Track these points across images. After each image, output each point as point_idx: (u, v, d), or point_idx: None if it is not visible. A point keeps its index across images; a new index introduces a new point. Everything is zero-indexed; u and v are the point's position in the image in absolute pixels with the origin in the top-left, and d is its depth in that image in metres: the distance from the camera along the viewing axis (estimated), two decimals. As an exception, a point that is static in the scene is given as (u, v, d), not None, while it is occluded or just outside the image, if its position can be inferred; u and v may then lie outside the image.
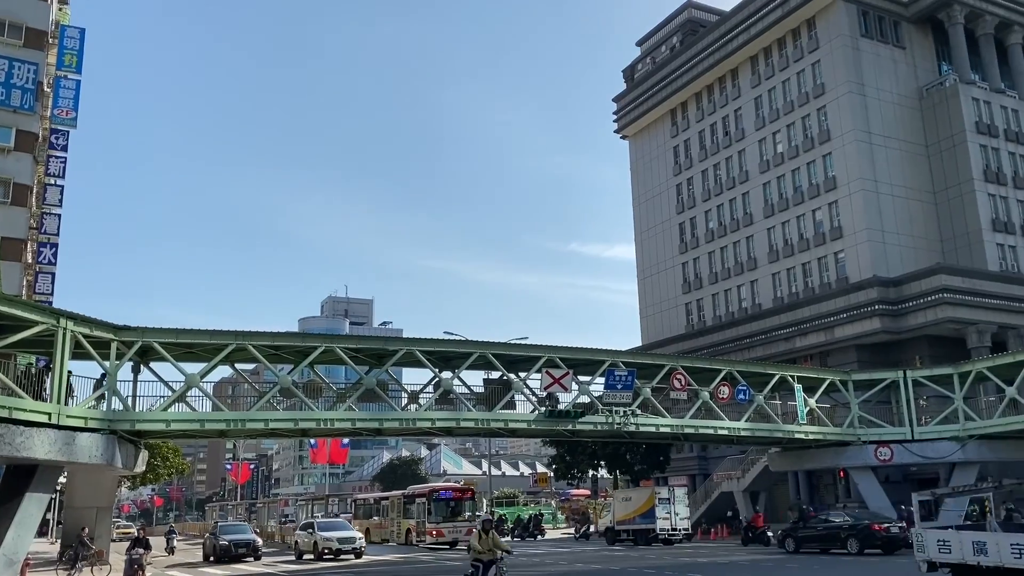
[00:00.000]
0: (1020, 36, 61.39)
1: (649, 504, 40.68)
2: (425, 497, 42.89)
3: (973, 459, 39.07)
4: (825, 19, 58.54)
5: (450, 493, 43.65)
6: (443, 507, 42.67)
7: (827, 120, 57.53)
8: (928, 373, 40.34)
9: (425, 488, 45.86)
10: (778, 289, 60.03)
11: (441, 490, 44.22)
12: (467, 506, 43.32)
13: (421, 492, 44.60)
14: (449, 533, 41.31)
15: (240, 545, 36.28)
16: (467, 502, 43.44)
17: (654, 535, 39.98)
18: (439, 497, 42.78)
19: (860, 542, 30.65)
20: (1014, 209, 56.09)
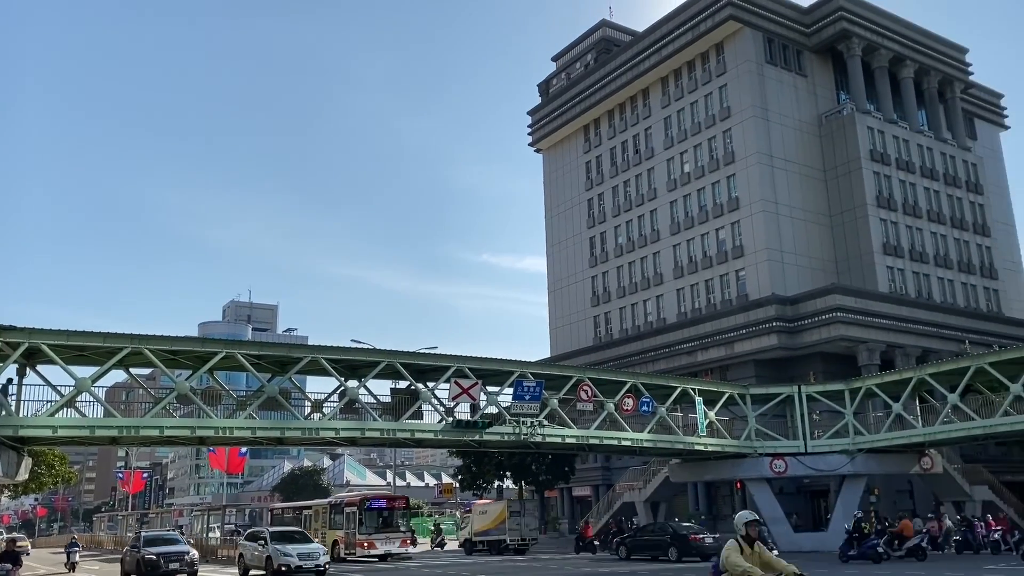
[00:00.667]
0: (911, 71, 64.99)
1: (502, 516, 43.17)
2: (355, 506, 39.58)
3: (861, 472, 40.81)
4: (732, 45, 60.62)
5: (383, 502, 40.54)
6: (375, 517, 39.51)
7: (732, 142, 59.49)
8: (821, 389, 41.97)
9: (355, 496, 42.87)
10: (682, 304, 61.58)
11: (373, 498, 40.86)
12: (400, 516, 40.48)
13: (351, 501, 41.31)
14: (381, 545, 38.74)
15: (172, 559, 29.63)
16: (400, 512, 40.61)
17: (505, 545, 42.40)
18: (371, 506, 39.68)
19: (679, 550, 34.55)
20: (903, 234, 59.18)
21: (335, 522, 41.78)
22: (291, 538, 30.54)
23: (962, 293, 61.48)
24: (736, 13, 59.24)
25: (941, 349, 52.57)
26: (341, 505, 41.65)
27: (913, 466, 41.94)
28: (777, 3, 61.82)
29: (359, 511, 39.17)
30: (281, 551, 28.68)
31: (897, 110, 64.09)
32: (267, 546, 29.54)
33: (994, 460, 52.76)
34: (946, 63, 67.39)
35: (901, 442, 39.03)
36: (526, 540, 43.01)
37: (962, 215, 63.87)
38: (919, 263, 59.39)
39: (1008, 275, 67.42)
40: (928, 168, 62.71)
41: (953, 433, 37.20)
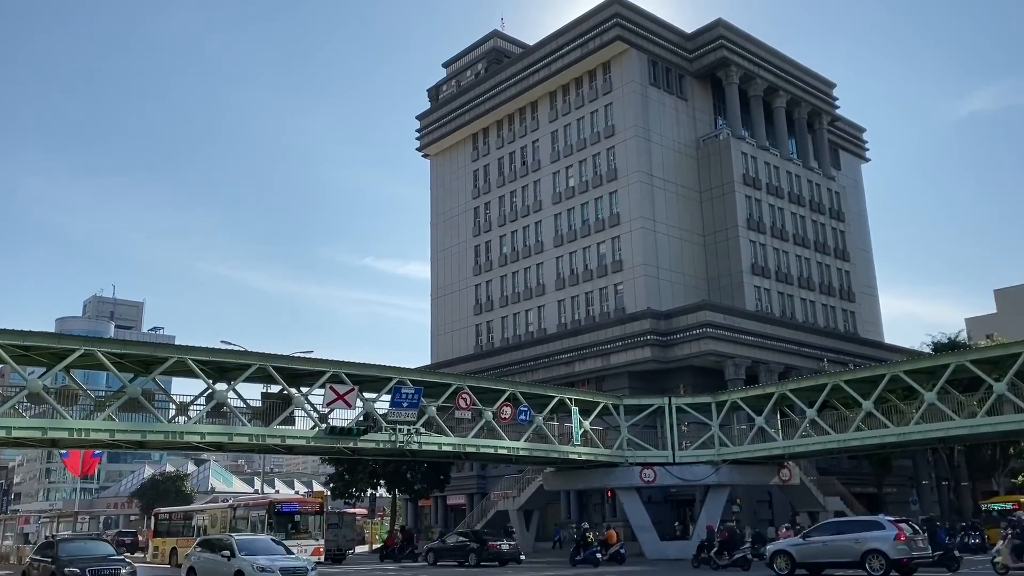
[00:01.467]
0: (784, 101, 68.55)
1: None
2: (264, 510, 36.28)
3: (725, 482, 42.47)
4: (619, 65, 62.28)
5: (295, 506, 37.61)
6: (286, 522, 36.03)
7: (615, 160, 61.06)
8: (690, 401, 43.47)
9: (262, 499, 39.98)
10: (563, 316, 62.57)
11: (284, 502, 37.87)
12: (313, 522, 37.20)
13: (257, 503, 38.32)
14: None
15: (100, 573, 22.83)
16: (314, 517, 37.37)
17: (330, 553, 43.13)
18: (282, 510, 36.31)
19: (478, 556, 36.73)
20: (770, 256, 62.21)
21: (236, 528, 38.09)
22: (267, 549, 24.09)
23: (822, 314, 65.13)
24: (623, 34, 60.92)
25: (801, 366, 55.48)
26: (246, 509, 38.41)
27: (773, 477, 44.00)
28: (662, 28, 64.00)
29: (269, 516, 35.80)
30: (259, 565, 22.22)
31: (769, 138, 67.43)
32: (235, 559, 22.88)
33: (846, 473, 56.07)
34: (816, 96, 71.45)
35: (763, 454, 40.89)
36: (343, 550, 44.64)
37: (825, 240, 67.74)
38: (784, 284, 62.53)
39: (864, 299, 71.93)
40: (795, 194, 66.22)
41: (810, 446, 39.27)
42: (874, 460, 53.37)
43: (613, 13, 61.23)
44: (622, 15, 61.24)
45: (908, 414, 35.71)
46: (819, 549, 25.71)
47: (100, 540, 28.17)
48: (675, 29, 65.05)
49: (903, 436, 35.95)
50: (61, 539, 26.20)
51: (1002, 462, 56.09)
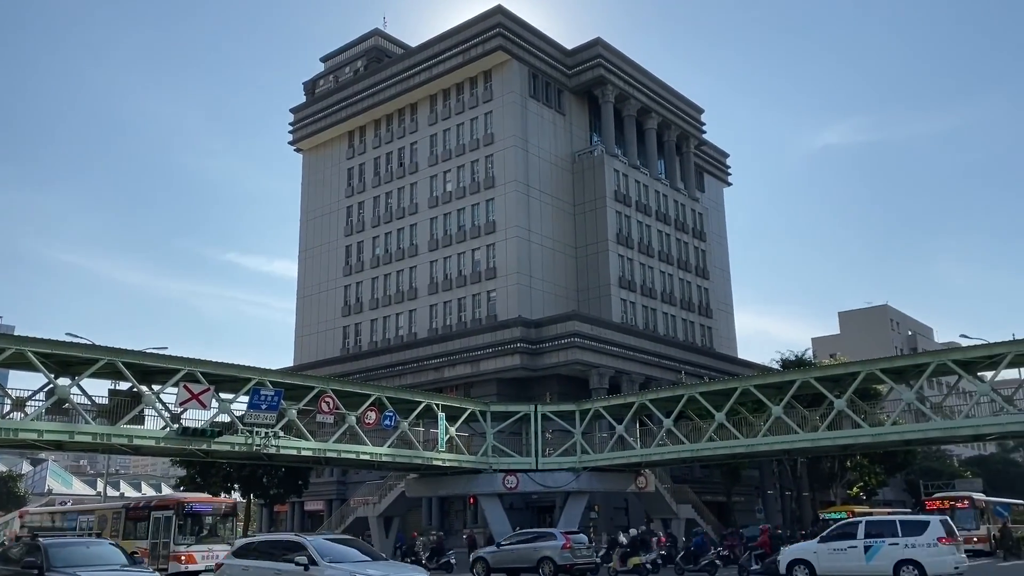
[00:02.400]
0: (656, 123, 71.03)
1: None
2: (172, 510, 32.57)
3: (585, 489, 43.34)
4: (500, 74, 62.83)
5: (207, 506, 33.80)
6: (197, 525, 32.67)
7: (493, 168, 61.50)
8: (555, 408, 44.17)
9: (168, 498, 35.61)
10: (434, 321, 62.32)
11: (196, 502, 34.09)
12: (226, 525, 33.79)
13: (163, 503, 34.17)
14: (203, 559, 31.60)
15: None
16: (227, 520, 33.96)
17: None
18: (192, 510, 32.72)
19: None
20: (637, 270, 64.20)
21: (134, 530, 34.21)
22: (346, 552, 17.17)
23: (682, 328, 67.75)
24: (505, 45, 61.52)
25: (661, 377, 57.49)
26: (147, 509, 34.16)
27: (630, 485, 45.24)
28: (544, 42, 65.06)
29: (177, 517, 32.18)
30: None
31: (641, 157, 69.67)
32: (316, 567, 16.14)
33: (698, 481, 58.40)
34: (685, 120, 74.44)
35: (621, 461, 42.02)
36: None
37: (687, 258, 70.57)
38: (648, 298, 64.67)
39: (720, 315, 75.36)
40: (662, 213, 68.68)
41: (666, 455, 40.66)
42: (724, 470, 55.84)
43: (496, 23, 61.75)
44: (505, 26, 61.86)
45: (757, 426, 37.55)
46: (508, 555, 30.36)
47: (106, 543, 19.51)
48: (556, 44, 66.27)
49: (751, 447, 37.77)
50: (51, 542, 17.48)
51: (840, 474, 59.92)
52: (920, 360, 35.74)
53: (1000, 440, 70.37)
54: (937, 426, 33.77)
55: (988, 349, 33.22)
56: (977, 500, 41.29)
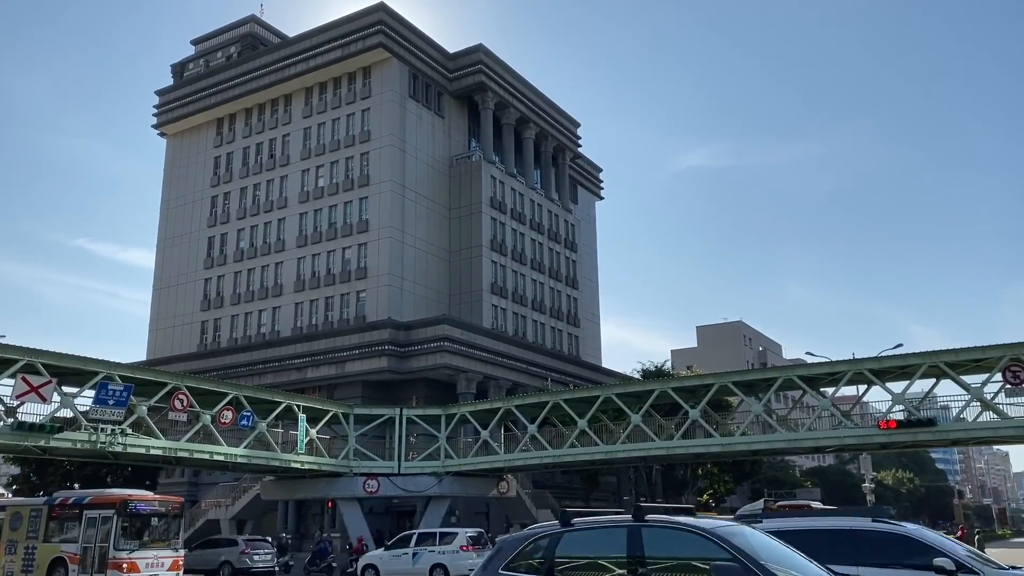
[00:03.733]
0: (534, 132, 72.00)
1: None
2: (112, 509, 27.08)
3: (447, 493, 43.24)
4: (380, 72, 62.01)
5: (154, 504, 28.48)
6: (142, 527, 27.76)
7: (368, 166, 60.55)
8: (421, 412, 43.87)
9: (107, 495, 29.04)
10: (300, 319, 60.66)
11: (140, 500, 28.43)
12: (173, 527, 28.73)
13: (101, 500, 28.03)
14: (147, 568, 26.94)
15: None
16: (174, 520, 28.85)
17: None
18: (136, 510, 27.44)
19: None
20: (509, 277, 64.77)
21: (61, 531, 28.35)
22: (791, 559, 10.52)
23: (550, 336, 68.86)
24: (386, 42, 60.79)
25: (528, 383, 58.18)
26: (76, 507, 28.31)
27: (492, 490, 45.50)
28: (426, 43, 64.73)
29: (118, 517, 26.84)
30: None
31: (518, 165, 70.43)
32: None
33: (559, 487, 59.44)
34: (562, 132, 75.83)
35: (485, 466, 42.18)
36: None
37: (558, 268, 71.83)
38: (519, 305, 65.37)
39: (588, 325, 77.12)
40: (536, 222, 69.64)
41: (529, 460, 41.13)
42: (584, 476, 57.06)
43: (378, 20, 60.94)
44: (387, 23, 61.14)
45: (616, 434, 38.58)
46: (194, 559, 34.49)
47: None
48: (438, 47, 66.07)
49: (610, 454, 38.76)
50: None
51: (692, 481, 62.47)
52: (769, 375, 37.69)
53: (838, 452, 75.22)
54: (782, 438, 35.69)
55: (830, 367, 35.45)
56: (815, 508, 43.88)
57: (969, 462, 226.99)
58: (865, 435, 34.17)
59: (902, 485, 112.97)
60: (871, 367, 33.43)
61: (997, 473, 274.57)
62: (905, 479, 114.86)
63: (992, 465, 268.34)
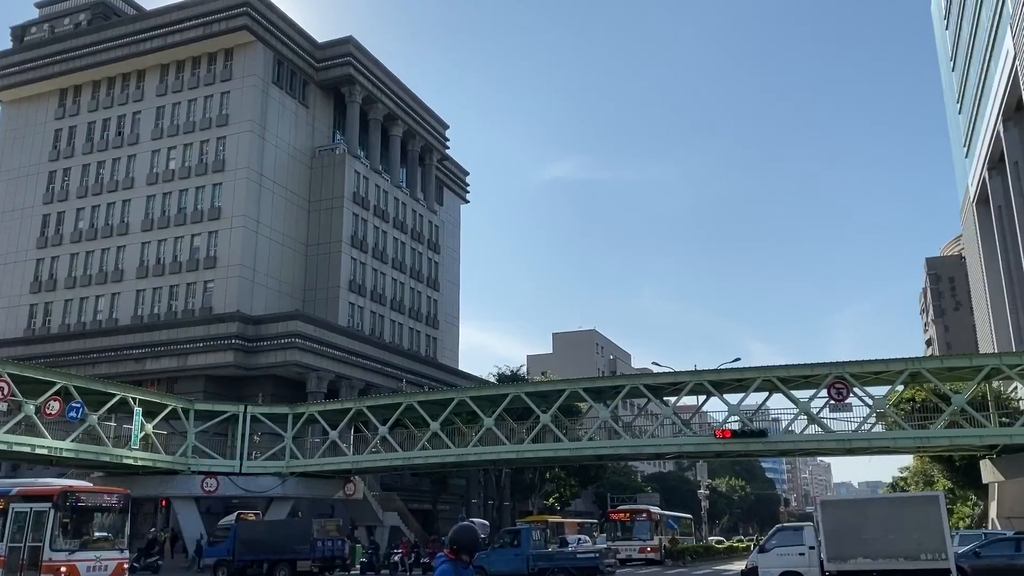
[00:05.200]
0: (401, 130, 71.29)
1: None
2: (49, 502, 22.04)
3: (291, 494, 42.00)
4: (243, 55, 59.65)
5: (99, 498, 23.78)
6: (86, 524, 23.02)
7: (225, 151, 58.05)
8: (267, 411, 42.43)
9: (42, 486, 23.78)
10: (141, 307, 57.35)
11: (83, 492, 23.58)
12: (119, 524, 23.78)
13: (34, 492, 22.97)
14: (88, 572, 22.27)
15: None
16: (119, 516, 23.87)
17: None
18: (78, 504, 22.59)
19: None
20: (368, 275, 63.73)
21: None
22: None
23: (408, 336, 68.28)
24: (251, 25, 58.58)
25: (382, 384, 57.42)
26: (2, 498, 23.06)
27: (338, 491, 44.57)
28: (293, 30, 62.82)
29: (58, 512, 21.97)
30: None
31: (383, 162, 69.50)
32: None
33: (407, 489, 58.96)
34: (431, 133, 75.48)
35: (332, 468, 41.26)
36: None
37: (420, 268, 71.38)
38: (377, 304, 64.45)
39: (446, 327, 77.02)
40: (400, 221, 68.95)
41: (378, 462, 40.59)
42: (433, 478, 56.90)
43: (244, 1, 58.56)
44: (253, 6, 58.87)
45: (469, 437, 38.70)
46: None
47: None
48: (306, 35, 64.27)
49: (461, 456, 38.85)
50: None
51: (539, 485, 63.54)
52: (617, 383, 38.94)
53: (677, 458, 78.70)
54: (626, 443, 36.90)
55: (674, 377, 36.96)
56: (654, 513, 45.66)
57: (795, 472, 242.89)
58: (702, 443, 35.83)
59: (734, 492, 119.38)
60: (711, 379, 35.10)
61: (819, 483, 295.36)
62: (737, 486, 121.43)
63: (815, 475, 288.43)
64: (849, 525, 25.70)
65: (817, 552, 25.73)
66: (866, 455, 37.53)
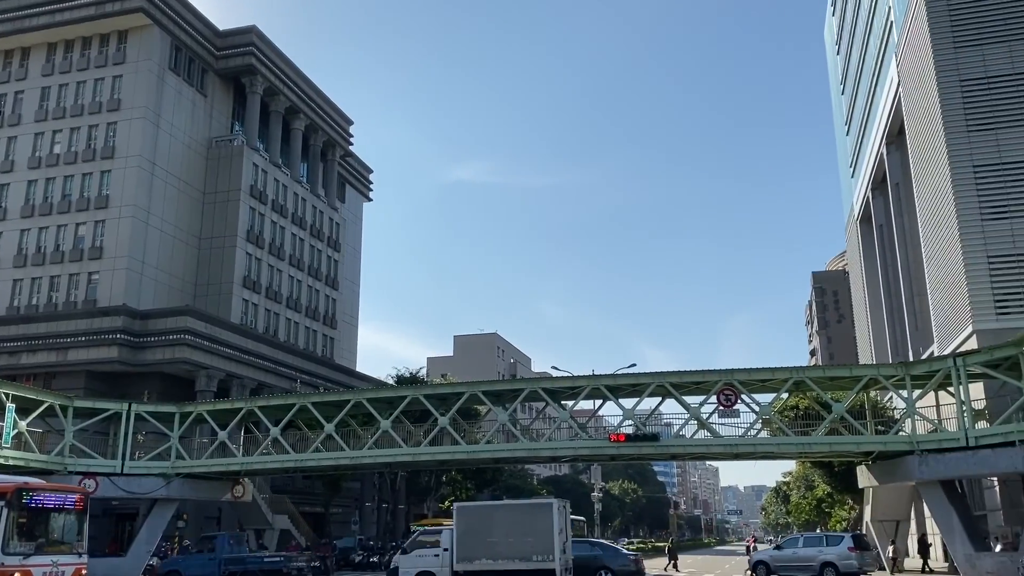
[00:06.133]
0: (303, 124, 69.77)
1: None
2: (2, 501, 19.68)
3: (175, 496, 40.30)
4: (138, 38, 57.19)
5: (60, 497, 21.35)
6: (41, 525, 20.72)
7: (115, 137, 55.50)
8: (153, 409, 40.64)
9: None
10: (17, 298, 54.13)
11: (40, 489, 21.10)
12: (77, 525, 21.68)
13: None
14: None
15: None
16: (79, 517, 21.76)
17: None
18: (34, 503, 20.40)
19: None
20: (264, 271, 62.03)
21: None
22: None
23: (304, 336, 66.81)
24: (148, 8, 56.20)
25: (275, 384, 55.96)
26: None
27: (226, 493, 43.08)
28: (193, 16, 60.62)
29: (12, 511, 19.73)
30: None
31: (283, 156, 67.83)
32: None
33: (299, 492, 57.60)
34: (334, 128, 74.16)
35: (220, 469, 39.83)
36: None
37: (319, 266, 69.98)
38: (273, 302, 62.80)
39: (345, 327, 75.75)
40: (299, 217, 67.43)
41: (269, 464, 39.40)
42: (326, 481, 55.79)
43: (142, -19, 56.14)
44: (151, -13, 56.51)
45: (364, 439, 38.07)
46: None
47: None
48: (207, 22, 62.12)
49: (356, 459, 38.16)
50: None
51: (435, 488, 63.17)
52: (517, 386, 39.00)
53: (573, 462, 79.79)
54: (523, 447, 37.04)
55: (572, 381, 37.36)
56: None
57: (685, 475, 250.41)
58: (597, 446, 36.34)
59: (627, 495, 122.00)
60: (607, 383, 35.64)
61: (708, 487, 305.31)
62: (630, 489, 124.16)
63: (704, 479, 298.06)
64: (477, 529, 28.60)
65: (451, 554, 28.24)
66: (752, 460, 38.86)
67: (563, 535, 28.67)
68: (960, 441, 29.50)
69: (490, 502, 36.48)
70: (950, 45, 37.06)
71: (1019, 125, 35.42)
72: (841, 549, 31.53)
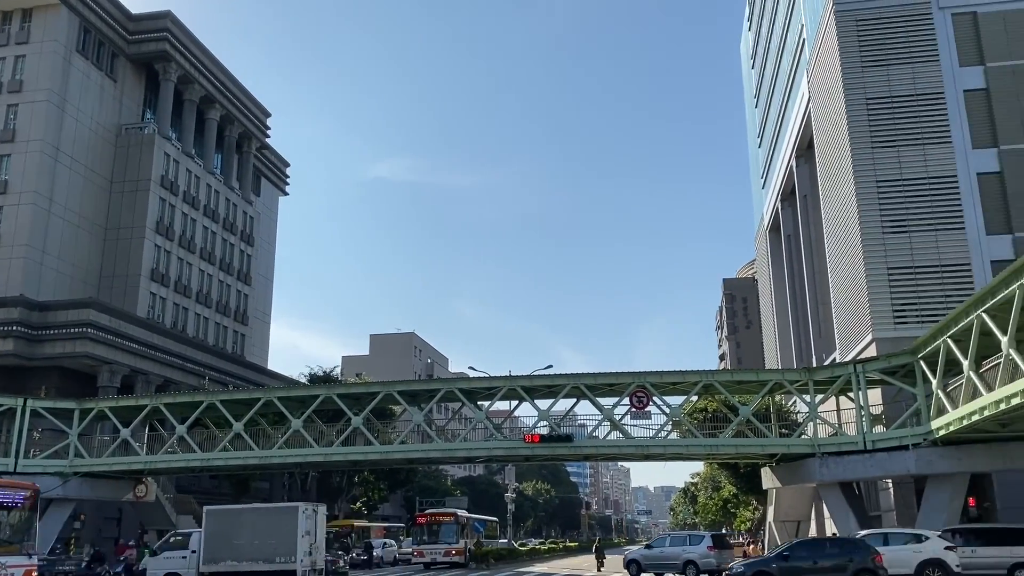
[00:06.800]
0: (218, 114, 67.82)
1: None
2: None
3: (72, 496, 38.74)
4: (43, 17, 54.62)
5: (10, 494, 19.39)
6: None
7: (16, 120, 52.88)
8: (50, 405, 38.98)
9: None
10: (-99, 286, 50.88)
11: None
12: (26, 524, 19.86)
13: None
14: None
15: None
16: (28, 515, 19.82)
17: None
18: None
19: None
20: (173, 264, 60.02)
21: None
22: None
23: (214, 332, 64.96)
24: (57, -15, 53.74)
25: (183, 381, 54.23)
26: None
27: (128, 493, 41.58)
28: (105, -4, 58.26)
29: None
30: None
31: (197, 146, 65.78)
32: None
33: (205, 492, 55.92)
34: (250, 119, 72.35)
35: (122, 468, 38.47)
36: None
37: (231, 260, 68.15)
38: (182, 296, 60.84)
39: (257, 324, 74.00)
40: (211, 209, 65.53)
41: (174, 463, 38.26)
42: (234, 481, 54.38)
43: (48, -42, 53.63)
44: (59, -36, 54.04)
45: (275, 438, 37.31)
46: None
47: None
48: (119, 5, 59.71)
49: (265, 459, 37.38)
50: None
51: (347, 489, 62.31)
52: (433, 386, 38.91)
53: (487, 462, 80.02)
54: (438, 447, 36.95)
55: (488, 382, 37.49)
56: (460, 516, 46.03)
57: (598, 476, 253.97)
58: (512, 447, 36.53)
59: (540, 496, 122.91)
60: (524, 384, 35.90)
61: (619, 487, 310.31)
62: (543, 490, 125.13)
63: (616, 480, 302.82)
64: (225, 531, 29.31)
65: (199, 556, 29.02)
66: (662, 460, 39.72)
67: (310, 537, 29.50)
68: (858, 445, 30.84)
69: (239, 506, 36.19)
70: (858, 64, 38.70)
71: (919, 143, 37.25)
72: (701, 548, 33.18)
